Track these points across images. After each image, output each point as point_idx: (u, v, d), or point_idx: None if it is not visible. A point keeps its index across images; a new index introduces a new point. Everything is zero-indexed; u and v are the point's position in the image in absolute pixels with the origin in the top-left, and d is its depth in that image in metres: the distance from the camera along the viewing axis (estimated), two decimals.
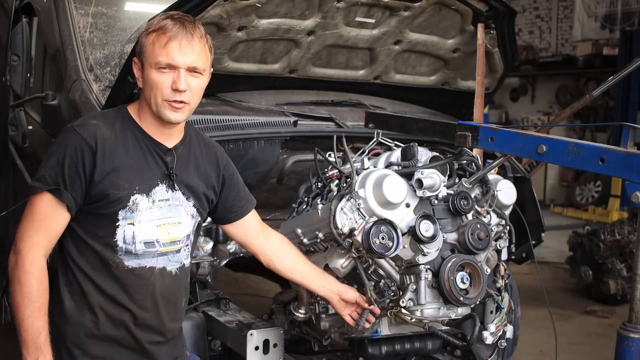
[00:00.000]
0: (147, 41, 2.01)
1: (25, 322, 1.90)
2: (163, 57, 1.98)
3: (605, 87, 2.65)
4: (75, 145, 1.95)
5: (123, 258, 2.01)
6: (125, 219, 1.99)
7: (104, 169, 1.95)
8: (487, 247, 2.45)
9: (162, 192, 2.06)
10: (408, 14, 3.15)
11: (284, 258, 2.46)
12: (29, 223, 1.96)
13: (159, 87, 1.99)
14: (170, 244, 2.09)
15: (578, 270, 6.62)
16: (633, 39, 10.32)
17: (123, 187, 1.98)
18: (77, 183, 1.94)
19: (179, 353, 2.24)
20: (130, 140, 2.03)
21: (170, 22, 2.00)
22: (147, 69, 2.00)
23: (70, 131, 1.98)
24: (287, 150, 3.25)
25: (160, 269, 2.08)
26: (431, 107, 3.85)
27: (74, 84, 3.12)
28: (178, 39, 1.98)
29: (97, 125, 2.00)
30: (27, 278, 1.91)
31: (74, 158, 1.94)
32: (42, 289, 1.92)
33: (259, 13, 2.86)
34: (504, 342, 2.79)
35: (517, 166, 3.52)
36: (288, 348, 2.89)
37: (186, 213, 2.13)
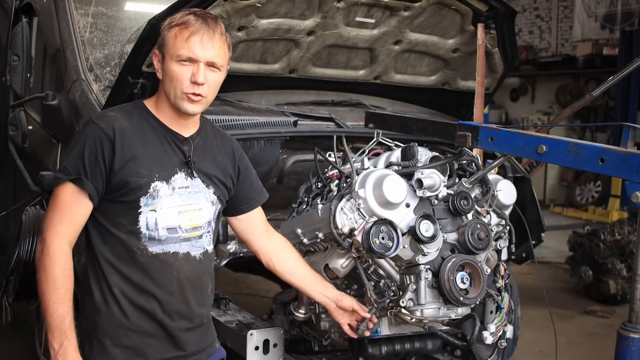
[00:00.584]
0: (169, 34, 2.07)
1: (50, 308, 1.95)
2: (184, 50, 2.05)
3: (605, 87, 2.65)
4: (94, 136, 2.02)
5: (147, 244, 2.07)
6: (147, 206, 2.05)
7: (123, 158, 2.02)
8: (487, 247, 2.45)
9: (182, 180, 2.12)
10: (408, 14, 3.15)
11: (284, 260, 2.47)
12: (54, 213, 2.03)
13: (178, 79, 2.06)
14: (193, 230, 2.14)
15: (578, 270, 6.62)
16: (633, 39, 10.31)
17: (143, 175, 2.04)
18: (97, 172, 2.01)
19: (208, 343, 2.27)
20: (148, 130, 2.10)
21: (193, 17, 2.08)
22: (167, 61, 2.07)
23: (90, 123, 2.06)
24: (287, 150, 3.25)
25: (184, 254, 2.12)
26: (431, 107, 3.85)
27: (74, 84, 3.12)
28: (200, 34, 2.05)
29: (115, 116, 2.07)
30: (52, 266, 1.97)
31: (93, 148, 2.01)
32: (67, 276, 1.98)
33: (259, 13, 2.86)
34: (504, 342, 2.79)
35: (517, 166, 3.52)
36: (288, 348, 2.89)
37: (206, 200, 2.18)
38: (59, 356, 1.95)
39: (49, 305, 1.95)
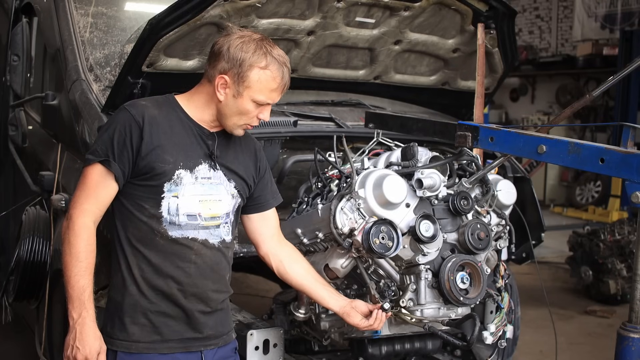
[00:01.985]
0: (252, 73, 2.13)
1: (72, 280, 2.05)
2: (265, 97, 2.16)
3: (605, 87, 2.66)
4: (124, 121, 2.11)
5: (167, 228, 2.14)
6: (170, 191, 2.13)
7: (151, 143, 2.10)
8: (487, 247, 2.45)
9: (205, 171, 2.19)
10: (408, 14, 3.15)
11: (295, 267, 2.45)
12: (81, 192, 2.12)
13: (248, 115, 2.19)
14: (211, 219, 2.20)
15: (578, 270, 6.62)
16: (633, 39, 10.31)
17: (168, 161, 2.12)
18: (124, 156, 2.09)
19: (225, 331, 2.30)
20: (176, 121, 2.18)
21: (280, 67, 2.16)
22: (242, 95, 2.15)
23: (121, 110, 2.16)
24: (287, 150, 3.25)
25: (202, 240, 2.19)
26: (431, 107, 3.85)
27: (74, 84, 3.12)
28: (282, 87, 2.18)
29: (146, 105, 2.17)
30: (76, 240, 2.07)
31: (122, 133, 2.10)
32: (89, 251, 2.08)
33: (259, 13, 2.86)
34: (504, 342, 2.79)
35: (517, 166, 3.52)
36: (288, 348, 2.89)
37: (226, 192, 2.24)
38: (77, 325, 2.04)
39: (71, 277, 2.05)
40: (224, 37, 2.19)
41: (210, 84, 2.18)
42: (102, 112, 2.91)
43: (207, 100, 2.20)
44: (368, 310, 2.40)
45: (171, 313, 2.16)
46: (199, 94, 2.23)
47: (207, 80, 2.20)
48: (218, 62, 2.15)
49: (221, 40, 2.18)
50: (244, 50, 2.13)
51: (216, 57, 2.16)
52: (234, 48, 2.13)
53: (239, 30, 2.21)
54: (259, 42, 2.16)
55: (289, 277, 2.45)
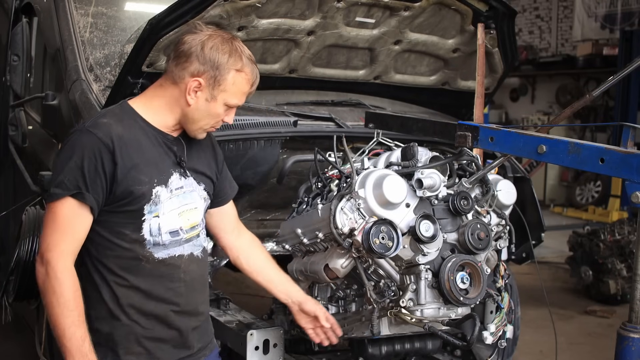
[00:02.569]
0: (229, 77, 2.03)
1: (67, 332, 1.90)
2: (238, 100, 2.08)
3: (605, 87, 2.65)
4: (92, 145, 1.93)
5: (152, 251, 2.04)
6: (150, 213, 2.02)
7: (125, 166, 1.96)
8: (487, 247, 2.45)
9: (177, 181, 2.09)
10: (408, 14, 3.15)
11: (252, 258, 2.47)
12: (54, 232, 1.94)
13: (215, 117, 2.09)
14: (191, 230, 2.13)
15: (578, 270, 6.62)
16: (633, 39, 10.31)
17: (144, 182, 1.99)
18: (97, 184, 1.93)
19: (209, 339, 2.28)
20: (140, 134, 2.03)
21: (256, 70, 2.09)
22: (216, 99, 2.04)
23: (84, 132, 1.96)
24: (287, 150, 3.25)
25: (188, 255, 2.12)
26: (431, 107, 3.84)
27: (74, 84, 3.12)
28: (254, 90, 2.10)
29: (109, 123, 1.99)
30: (63, 288, 1.90)
31: (92, 159, 1.92)
32: (78, 296, 1.93)
33: (259, 13, 2.86)
34: (504, 342, 2.79)
35: (517, 166, 3.52)
36: (288, 348, 2.89)
37: (200, 197, 2.17)
38: None
39: (65, 329, 1.90)
40: (191, 36, 2.04)
41: (175, 87, 2.03)
42: None
43: (171, 104, 2.05)
44: (314, 313, 2.44)
45: (165, 337, 2.09)
46: (158, 97, 2.08)
47: (170, 82, 2.04)
48: (189, 63, 2.00)
49: (189, 38, 2.03)
50: (220, 51, 2.00)
51: (186, 57, 2.01)
52: (209, 49, 2.00)
53: (206, 28, 2.08)
54: (232, 43, 2.04)
55: (246, 272, 2.48)
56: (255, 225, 3.43)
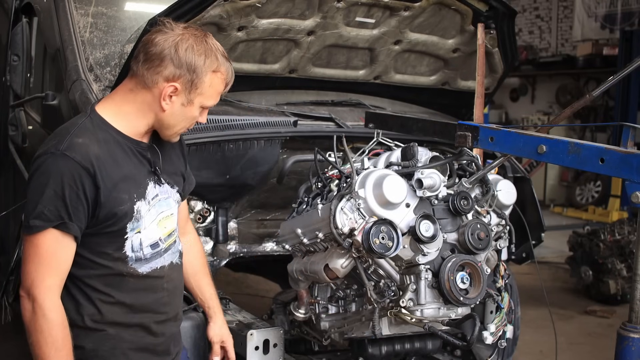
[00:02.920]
0: (206, 79, 1.92)
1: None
2: (214, 101, 1.98)
3: (605, 87, 2.65)
4: (71, 171, 1.80)
5: (135, 266, 1.98)
6: (132, 230, 1.95)
7: (107, 188, 1.86)
8: (487, 247, 2.45)
9: (152, 190, 2.01)
10: (408, 14, 3.15)
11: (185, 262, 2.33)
12: (38, 266, 1.83)
13: (191, 120, 1.99)
14: (169, 237, 2.08)
15: (578, 270, 6.62)
16: (633, 39, 10.31)
17: (125, 200, 1.91)
18: (80, 211, 1.83)
19: (179, 339, 2.26)
20: (116, 148, 1.92)
21: (231, 67, 1.98)
22: (193, 103, 1.94)
23: (59, 156, 1.81)
24: (287, 150, 3.25)
25: (168, 265, 2.08)
26: (431, 107, 3.85)
27: (74, 84, 3.12)
28: (228, 88, 2.00)
29: (84, 143, 1.85)
30: (51, 326, 1.82)
31: (73, 186, 1.80)
32: (67, 334, 1.85)
33: (259, 13, 2.86)
34: (504, 342, 2.79)
35: (517, 166, 3.52)
36: (288, 348, 2.89)
37: (174, 202, 2.11)
38: None
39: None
40: (162, 36, 1.89)
41: (147, 91, 1.90)
42: None
43: (143, 110, 1.93)
44: (211, 339, 2.39)
45: (151, 346, 2.05)
46: (128, 102, 1.94)
47: (141, 86, 1.90)
48: (163, 67, 1.87)
49: (160, 39, 1.88)
50: (196, 52, 1.88)
51: (160, 60, 1.87)
52: (184, 51, 1.87)
53: (176, 26, 1.92)
54: (206, 41, 1.92)
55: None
56: (255, 225, 3.43)
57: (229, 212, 3.25)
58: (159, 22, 1.95)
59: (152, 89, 1.91)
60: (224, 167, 3.02)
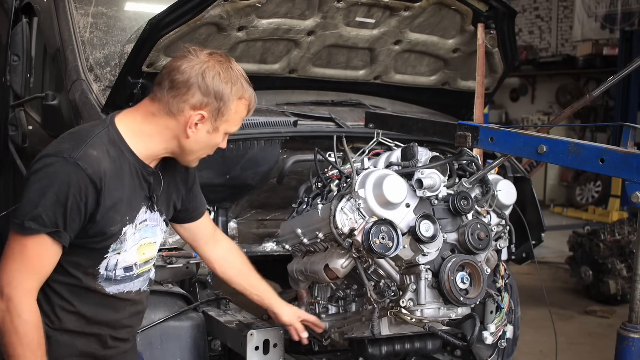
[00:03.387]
0: (232, 107, 1.93)
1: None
2: (237, 127, 1.99)
3: (605, 87, 2.65)
4: (79, 183, 1.78)
5: (103, 285, 1.97)
6: (114, 251, 1.94)
7: (105, 207, 1.84)
8: (487, 247, 2.45)
9: (142, 214, 1.99)
10: (408, 14, 3.15)
11: (228, 266, 2.45)
12: (20, 266, 1.80)
13: (214, 147, 2.00)
14: (144, 264, 2.07)
15: (578, 270, 6.63)
16: (633, 39, 10.32)
17: (117, 221, 1.90)
18: (76, 222, 1.81)
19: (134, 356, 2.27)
20: (124, 166, 1.90)
21: (253, 93, 2.00)
22: (218, 130, 1.95)
23: (72, 164, 1.78)
24: (287, 150, 3.25)
25: (136, 291, 2.08)
26: (431, 107, 3.84)
27: (74, 84, 3.12)
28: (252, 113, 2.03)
29: (98, 157, 1.82)
30: (27, 328, 1.79)
31: (77, 197, 1.78)
32: (42, 336, 1.83)
33: (259, 13, 2.86)
34: (504, 342, 2.79)
35: (517, 166, 3.52)
36: (288, 348, 2.89)
37: (161, 231, 2.10)
38: None
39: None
40: (187, 63, 1.88)
41: (171, 118, 1.89)
42: (102, 112, 2.91)
43: (165, 135, 1.92)
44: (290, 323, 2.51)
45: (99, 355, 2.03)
46: (149, 124, 1.92)
47: (165, 112, 1.89)
48: (189, 95, 1.86)
49: (187, 67, 1.87)
50: (222, 80, 1.89)
51: (185, 88, 1.86)
52: (211, 79, 1.87)
53: (201, 52, 1.92)
54: (231, 67, 1.92)
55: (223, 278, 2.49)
56: (255, 225, 3.43)
57: (229, 212, 3.25)
58: (183, 49, 1.95)
59: (177, 116, 1.90)
60: (224, 167, 3.02)
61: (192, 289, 3.01)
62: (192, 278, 3.01)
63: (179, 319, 2.74)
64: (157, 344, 2.67)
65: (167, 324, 2.70)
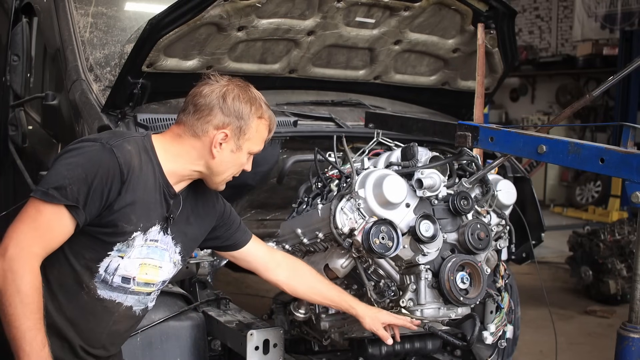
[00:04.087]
0: (253, 125, 2.04)
1: (27, 335, 1.78)
2: (259, 147, 2.09)
3: (605, 87, 2.65)
4: (109, 167, 1.85)
5: (98, 285, 1.97)
6: (118, 251, 1.95)
7: (125, 200, 1.89)
8: (487, 247, 2.45)
9: (155, 233, 2.02)
10: (408, 14, 3.15)
11: (296, 287, 2.44)
12: (31, 230, 1.82)
13: (239, 167, 2.09)
14: (144, 285, 2.06)
15: (578, 270, 6.62)
16: (633, 39, 10.31)
17: (132, 222, 1.94)
18: (95, 205, 1.85)
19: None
20: (150, 175, 1.97)
21: (273, 115, 2.11)
22: (241, 149, 2.04)
23: (107, 150, 1.87)
24: (287, 150, 3.25)
25: (126, 307, 2.05)
26: (431, 107, 3.85)
27: (74, 84, 3.12)
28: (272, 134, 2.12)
29: (131, 152, 1.92)
30: (28, 288, 1.79)
31: (103, 180, 1.84)
32: (41, 301, 1.82)
33: (259, 13, 2.86)
34: (504, 342, 2.79)
35: (517, 166, 3.52)
36: (288, 348, 2.89)
37: (169, 259, 2.10)
38: None
39: (25, 331, 1.77)
40: (208, 87, 2.01)
41: (197, 139, 2.00)
42: (102, 112, 2.91)
43: (191, 155, 2.02)
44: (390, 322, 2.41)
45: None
46: (177, 145, 2.02)
47: (190, 134, 2.00)
48: (212, 116, 1.98)
49: (208, 91, 2.00)
50: (242, 101, 2.01)
51: (208, 110, 1.99)
52: (231, 100, 1.99)
53: (220, 77, 2.05)
54: (249, 90, 2.05)
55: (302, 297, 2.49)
56: (255, 225, 3.43)
57: None
58: (204, 76, 2.08)
59: (202, 137, 2.00)
60: None
61: (192, 289, 3.01)
62: (192, 278, 3.01)
63: (179, 319, 2.74)
64: (157, 344, 2.67)
65: (167, 324, 2.70)
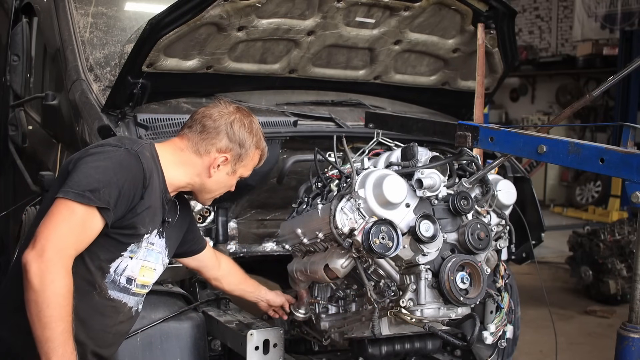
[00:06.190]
0: (252, 154, 2.24)
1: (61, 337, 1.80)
2: (249, 173, 2.29)
3: (605, 87, 2.65)
4: (137, 173, 1.98)
5: (108, 285, 2.07)
6: (130, 252, 2.07)
7: (144, 204, 2.02)
8: (487, 247, 2.45)
9: (154, 236, 2.15)
10: (408, 14, 3.15)
11: (231, 281, 2.71)
12: (67, 232, 1.85)
13: (229, 188, 2.28)
14: (141, 287, 2.18)
15: (578, 270, 6.63)
16: (633, 39, 10.33)
17: (146, 224, 2.06)
18: (122, 208, 1.96)
19: None
20: (156, 181, 2.08)
21: (267, 146, 2.32)
22: (235, 173, 2.23)
23: (133, 155, 1.99)
24: (287, 150, 3.25)
25: (129, 307, 2.17)
26: (431, 107, 3.85)
27: (74, 84, 3.12)
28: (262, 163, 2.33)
29: (149, 159, 2.05)
30: (66, 291, 1.81)
31: (132, 187, 1.96)
32: (71, 306, 1.85)
33: (259, 13, 2.86)
34: (504, 342, 2.79)
35: (517, 166, 3.52)
36: (288, 348, 2.89)
37: (161, 262, 2.23)
38: None
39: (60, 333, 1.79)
40: (217, 111, 2.18)
41: (197, 156, 2.15)
42: (102, 112, 2.91)
43: (188, 169, 2.17)
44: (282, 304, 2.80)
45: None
46: (177, 156, 2.16)
47: (192, 150, 2.15)
48: (217, 139, 2.15)
49: (217, 115, 2.16)
50: (247, 130, 2.18)
51: (215, 133, 2.15)
52: (238, 128, 2.16)
53: (228, 104, 2.23)
54: (252, 122, 2.22)
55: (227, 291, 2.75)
56: (255, 225, 3.43)
57: (229, 212, 3.25)
58: (215, 100, 2.30)
59: (203, 156, 2.16)
60: None
61: (192, 289, 3.01)
62: (192, 278, 3.01)
63: (179, 319, 2.75)
64: (157, 344, 2.67)
65: (167, 324, 2.70)
